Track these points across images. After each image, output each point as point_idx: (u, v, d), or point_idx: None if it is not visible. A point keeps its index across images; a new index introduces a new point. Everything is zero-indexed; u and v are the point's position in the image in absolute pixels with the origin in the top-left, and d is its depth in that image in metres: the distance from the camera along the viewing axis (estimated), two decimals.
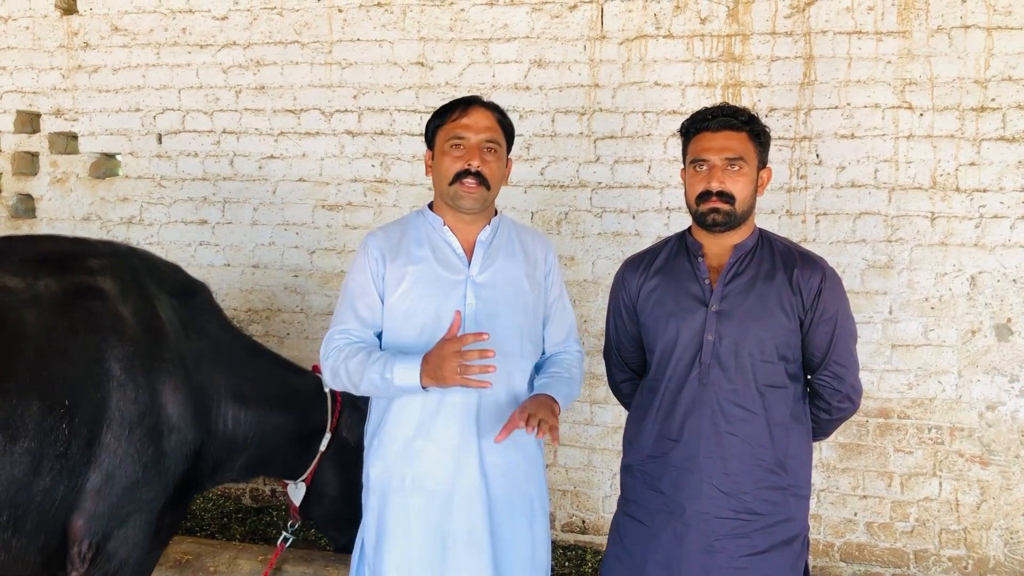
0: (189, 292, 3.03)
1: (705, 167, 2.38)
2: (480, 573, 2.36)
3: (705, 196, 2.38)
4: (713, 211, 2.37)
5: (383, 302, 2.44)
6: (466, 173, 2.37)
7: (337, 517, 3.41)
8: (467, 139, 2.39)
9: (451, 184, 2.39)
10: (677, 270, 2.49)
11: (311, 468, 3.27)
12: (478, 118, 2.41)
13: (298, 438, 3.21)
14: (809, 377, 2.50)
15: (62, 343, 2.53)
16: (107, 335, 2.61)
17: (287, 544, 3.45)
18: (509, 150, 2.52)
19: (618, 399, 2.82)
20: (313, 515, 3.41)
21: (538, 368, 2.57)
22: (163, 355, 2.73)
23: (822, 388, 2.46)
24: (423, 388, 2.26)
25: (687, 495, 2.39)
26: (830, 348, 2.40)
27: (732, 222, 2.39)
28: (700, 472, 2.38)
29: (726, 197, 2.35)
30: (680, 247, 2.54)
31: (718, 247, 2.46)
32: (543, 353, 2.59)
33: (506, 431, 2.24)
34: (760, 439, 2.37)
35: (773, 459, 2.38)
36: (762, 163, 2.43)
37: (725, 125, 2.37)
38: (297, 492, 3.33)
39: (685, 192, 2.49)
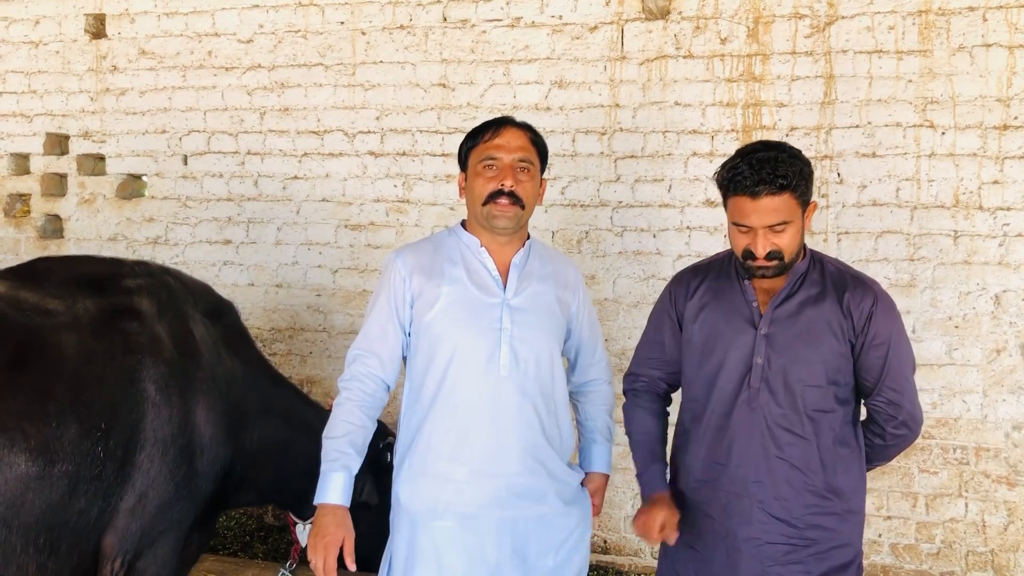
0: (219, 312, 3.06)
1: (748, 231, 2.28)
2: None
3: (751, 255, 2.29)
4: (761, 268, 2.30)
5: (410, 323, 2.43)
6: (499, 193, 2.36)
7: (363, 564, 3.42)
8: (500, 159, 2.38)
9: (484, 204, 2.38)
10: (726, 290, 2.44)
11: None
12: (510, 138, 2.40)
13: (316, 474, 3.17)
14: (864, 402, 2.43)
15: (100, 365, 2.55)
16: (143, 356, 2.64)
17: None
18: (543, 170, 2.51)
19: (623, 394, 2.70)
20: None
21: (579, 388, 2.67)
22: (198, 375, 2.75)
23: (877, 414, 2.40)
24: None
25: (738, 520, 2.35)
26: (883, 373, 2.33)
27: (783, 270, 2.32)
28: (751, 497, 2.34)
29: (773, 255, 2.27)
30: (730, 266, 2.47)
31: None
32: (574, 370, 2.64)
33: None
34: (810, 464, 2.33)
35: (824, 484, 2.33)
36: (808, 202, 2.31)
37: (766, 192, 2.23)
38: (305, 534, 3.26)
39: (729, 234, 2.38)
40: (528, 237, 2.54)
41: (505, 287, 2.42)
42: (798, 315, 2.34)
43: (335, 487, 2.32)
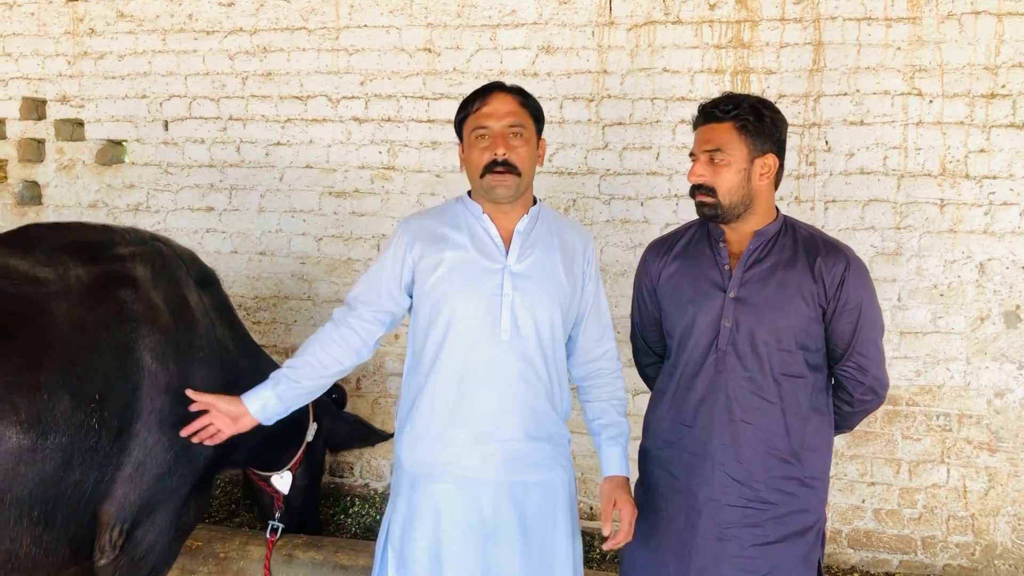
0: (207, 279, 3.06)
1: (693, 158, 2.41)
2: (511, 558, 2.38)
3: (692, 190, 2.41)
4: (700, 204, 2.40)
5: (412, 285, 2.46)
6: (494, 163, 2.36)
7: (313, 501, 3.67)
8: (490, 128, 2.38)
9: (482, 176, 2.39)
10: (697, 255, 2.49)
11: (297, 456, 3.42)
12: (498, 105, 2.40)
13: (289, 427, 3.30)
14: (833, 368, 2.47)
15: (93, 334, 2.51)
16: (139, 324, 2.61)
17: (278, 534, 3.50)
18: (540, 131, 2.51)
19: (645, 383, 2.82)
20: (293, 504, 3.56)
21: (577, 375, 2.61)
22: (194, 342, 2.74)
23: (845, 379, 2.43)
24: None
25: (699, 482, 2.39)
26: (853, 339, 2.37)
27: (722, 214, 2.38)
28: (713, 459, 2.38)
29: (706, 190, 2.36)
30: (703, 232, 2.53)
31: (739, 233, 2.44)
32: (572, 350, 2.59)
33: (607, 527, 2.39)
34: (775, 428, 2.36)
35: (787, 449, 2.36)
36: (760, 150, 2.36)
37: (708, 118, 2.38)
38: (283, 481, 3.46)
39: None
40: (535, 203, 2.53)
41: (508, 253, 2.42)
42: (768, 279, 2.38)
43: (257, 395, 2.52)
